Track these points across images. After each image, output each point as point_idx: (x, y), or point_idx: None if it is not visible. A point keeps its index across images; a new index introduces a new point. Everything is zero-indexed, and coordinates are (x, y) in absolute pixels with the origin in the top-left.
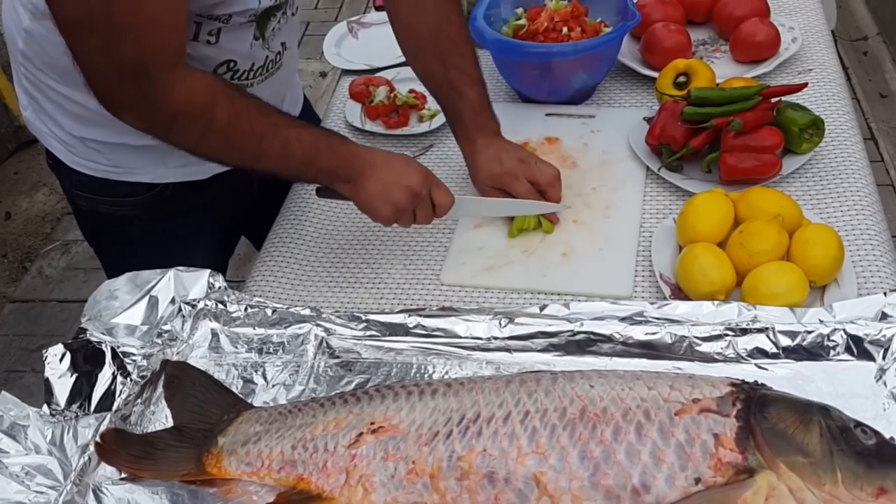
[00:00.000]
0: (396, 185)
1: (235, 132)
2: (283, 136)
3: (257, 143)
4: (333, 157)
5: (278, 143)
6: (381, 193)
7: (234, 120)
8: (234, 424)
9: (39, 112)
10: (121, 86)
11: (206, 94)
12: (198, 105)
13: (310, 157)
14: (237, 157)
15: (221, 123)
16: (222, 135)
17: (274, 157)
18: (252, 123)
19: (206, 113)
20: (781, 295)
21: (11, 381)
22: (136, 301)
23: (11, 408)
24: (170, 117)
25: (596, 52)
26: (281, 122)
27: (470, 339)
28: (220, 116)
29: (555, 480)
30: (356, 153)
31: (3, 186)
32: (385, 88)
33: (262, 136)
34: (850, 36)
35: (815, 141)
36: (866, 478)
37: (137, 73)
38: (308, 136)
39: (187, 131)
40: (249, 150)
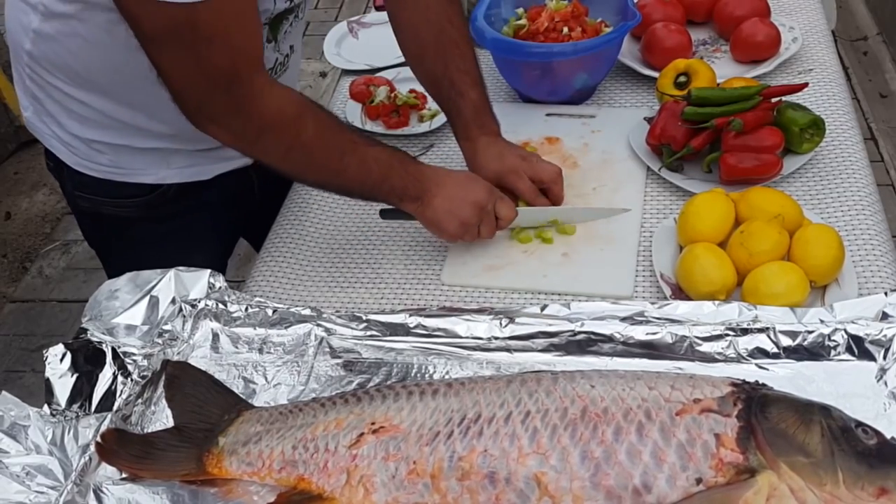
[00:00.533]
0: (463, 200)
1: (320, 147)
2: (362, 153)
3: (339, 159)
4: (405, 175)
5: (356, 161)
6: (449, 210)
7: (320, 134)
8: (234, 424)
9: (42, 113)
10: (213, 95)
11: (296, 106)
12: (288, 116)
13: (384, 175)
14: (318, 172)
15: (308, 137)
16: (307, 149)
17: (352, 174)
18: (335, 139)
19: (295, 125)
20: (782, 295)
21: (11, 381)
22: (136, 301)
23: (12, 408)
24: (261, 128)
25: (596, 52)
26: (359, 140)
27: (471, 339)
28: (307, 130)
29: (556, 481)
30: (424, 171)
31: (3, 186)
32: (385, 88)
33: (344, 152)
34: (850, 36)
35: (815, 141)
36: (867, 478)
37: (230, 79)
38: (383, 155)
39: (276, 143)
40: (331, 166)
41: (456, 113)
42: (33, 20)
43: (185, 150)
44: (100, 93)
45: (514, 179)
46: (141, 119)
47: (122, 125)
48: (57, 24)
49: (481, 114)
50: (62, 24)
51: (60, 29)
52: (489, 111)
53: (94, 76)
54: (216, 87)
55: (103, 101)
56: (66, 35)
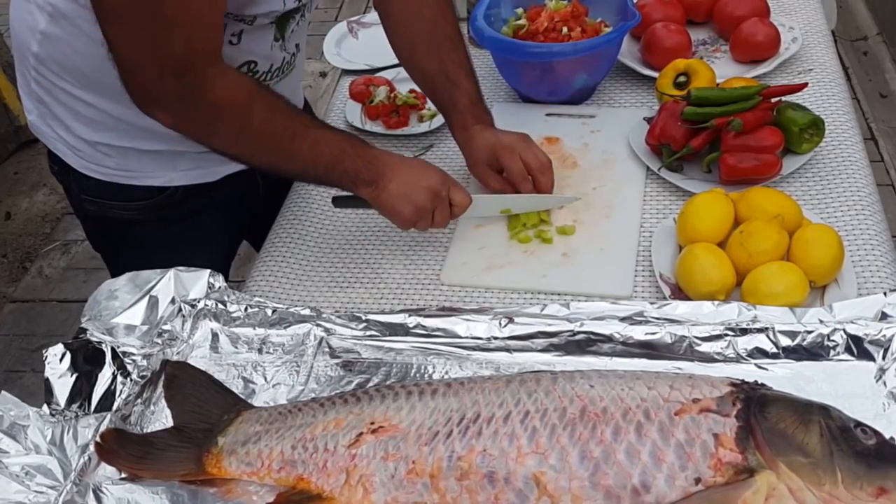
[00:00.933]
0: (417, 185)
1: (270, 131)
2: (313, 136)
3: (289, 142)
4: (357, 159)
5: (308, 144)
6: (403, 194)
7: (269, 118)
8: (234, 424)
9: (48, 116)
10: (161, 80)
11: (245, 92)
12: (237, 102)
13: (336, 159)
14: (269, 157)
15: (257, 122)
16: (257, 134)
17: (304, 157)
18: (285, 123)
19: (243, 110)
20: (781, 295)
21: (11, 381)
22: (136, 301)
23: (11, 408)
24: (209, 114)
25: (596, 52)
26: (310, 124)
27: (470, 339)
28: (256, 115)
29: (555, 480)
30: (377, 156)
31: (3, 186)
32: (385, 88)
33: (294, 136)
34: (850, 36)
35: (815, 141)
36: (866, 478)
37: (182, 67)
38: (335, 138)
39: (225, 129)
40: (282, 150)
41: (452, 105)
42: (40, 21)
43: (192, 153)
44: (107, 94)
45: (507, 155)
46: (148, 120)
47: (129, 127)
48: (65, 24)
49: (476, 105)
50: (70, 25)
51: (68, 29)
52: (483, 103)
53: (101, 77)
54: (167, 73)
55: (110, 103)
56: (73, 35)
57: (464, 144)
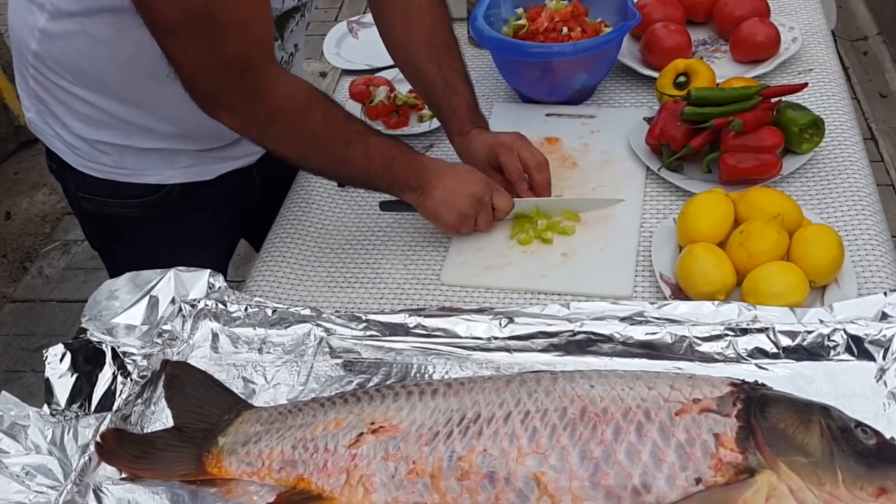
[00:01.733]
0: (461, 192)
1: (327, 136)
2: (366, 143)
3: (344, 148)
4: (407, 166)
5: (361, 150)
6: (448, 201)
7: (327, 123)
8: (234, 424)
9: (45, 114)
10: (225, 81)
11: (305, 95)
12: (299, 104)
13: (387, 165)
14: (325, 160)
15: (316, 126)
16: (315, 137)
17: (357, 163)
18: (341, 128)
19: (304, 113)
20: (781, 295)
21: (11, 381)
22: (136, 301)
23: (11, 408)
24: (271, 115)
25: (596, 52)
26: (363, 130)
27: (470, 339)
28: (315, 118)
29: (555, 480)
30: (424, 163)
31: (3, 186)
32: (385, 88)
33: (349, 142)
34: (850, 36)
35: (815, 141)
36: (867, 478)
37: (243, 67)
38: (386, 146)
39: (286, 131)
40: (336, 155)
41: (450, 110)
42: (40, 20)
43: (189, 151)
44: (106, 93)
45: (505, 152)
46: (147, 119)
47: (127, 125)
48: (65, 22)
49: (473, 111)
50: (70, 23)
51: (69, 28)
52: (479, 109)
53: (101, 75)
54: (229, 74)
55: (109, 101)
56: (74, 34)
57: (462, 147)
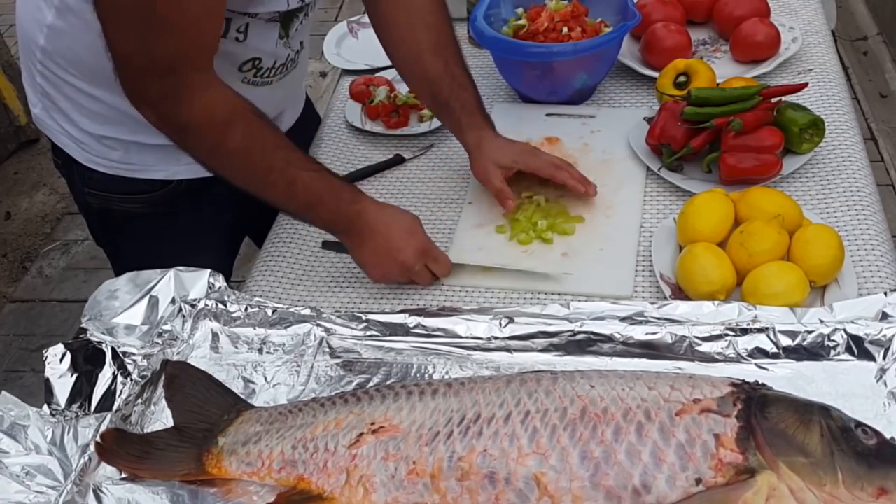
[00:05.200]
0: (389, 258)
1: (245, 158)
2: (292, 176)
3: (264, 175)
4: (335, 211)
5: (284, 182)
6: (375, 263)
7: (247, 146)
8: (234, 424)
9: (52, 109)
10: (147, 79)
11: (226, 112)
12: (215, 120)
13: (311, 204)
14: (242, 182)
15: (233, 146)
16: (232, 157)
17: (277, 192)
18: (264, 155)
19: (220, 131)
20: (782, 295)
21: (11, 381)
22: (136, 301)
23: (11, 408)
24: (185, 124)
25: (596, 52)
26: (293, 161)
27: (470, 339)
28: (233, 138)
29: (555, 481)
30: (360, 213)
31: (3, 186)
32: (385, 88)
33: (271, 169)
34: (850, 36)
35: (815, 141)
36: (867, 478)
37: (166, 69)
38: (317, 183)
39: (199, 143)
40: (256, 180)
41: (460, 105)
42: (48, 15)
43: None
44: (112, 88)
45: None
46: None
47: (133, 120)
48: (72, 18)
49: (482, 107)
50: (76, 19)
51: (75, 23)
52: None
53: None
54: (152, 72)
55: (116, 97)
56: (80, 30)
57: (475, 143)
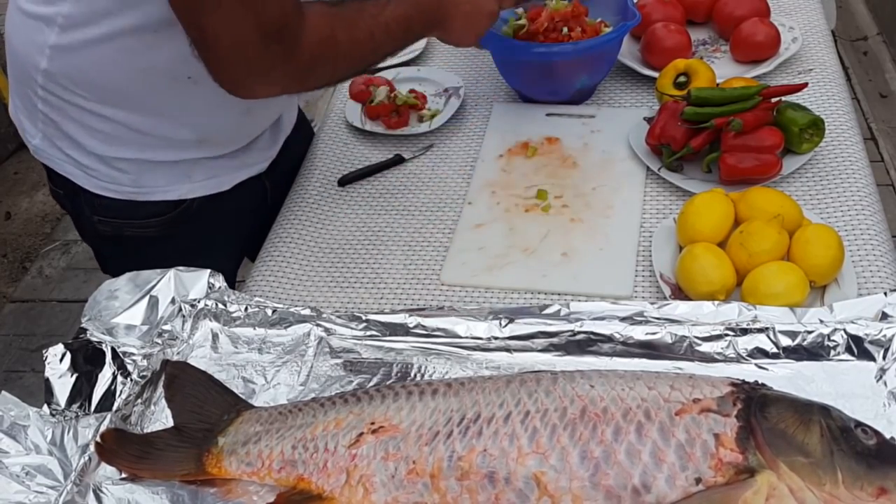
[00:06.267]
0: (479, 15)
1: (355, 47)
2: (383, 22)
3: (370, 41)
4: (423, 15)
5: (381, 32)
6: (466, 27)
7: (350, 34)
8: (234, 424)
9: (56, 137)
10: (267, 49)
11: (325, 23)
12: (324, 37)
13: (408, 27)
14: (358, 65)
15: (345, 46)
16: (347, 57)
17: (384, 48)
18: (361, 28)
19: (331, 45)
20: (782, 295)
21: (11, 381)
22: (136, 301)
23: (11, 408)
24: (308, 62)
25: (596, 52)
26: (373, 11)
27: (470, 339)
28: (341, 41)
29: (555, 480)
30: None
31: (3, 186)
32: (385, 88)
33: (370, 35)
34: (850, 36)
35: (815, 141)
36: (867, 478)
37: (282, 27)
38: (398, 10)
39: (322, 69)
40: (367, 53)
41: None
42: (50, 36)
43: (206, 160)
44: (124, 104)
45: None
46: (166, 127)
47: (145, 137)
48: (78, 34)
49: None
50: (83, 35)
51: (81, 39)
52: None
53: (118, 86)
54: (270, 39)
55: (126, 114)
56: (87, 45)
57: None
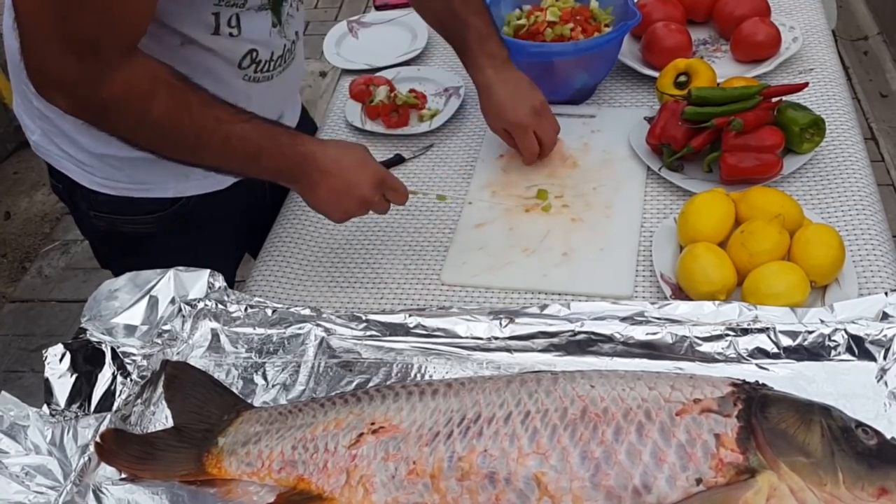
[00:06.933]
0: (347, 195)
1: (173, 125)
2: (225, 132)
3: (196, 138)
4: (279, 158)
5: (217, 140)
6: (333, 203)
7: (174, 112)
8: (234, 425)
9: (52, 133)
10: (62, 60)
11: (148, 82)
12: (136, 93)
13: (251, 156)
14: (174, 150)
15: (158, 115)
16: (159, 127)
17: (213, 153)
18: (192, 117)
19: (143, 102)
20: (782, 295)
21: (11, 381)
22: (136, 301)
23: (11, 408)
24: (105, 103)
25: (596, 52)
26: (224, 118)
27: (470, 339)
28: (157, 107)
29: (556, 481)
30: (305, 156)
31: (3, 186)
32: (385, 88)
33: (202, 130)
34: (850, 35)
35: (815, 141)
36: (867, 478)
37: (86, 48)
38: (252, 133)
39: (122, 119)
40: (188, 146)
41: (461, 43)
42: None
43: None
44: None
45: (521, 133)
46: None
47: None
48: None
49: (486, 40)
50: None
51: None
52: (495, 36)
53: None
54: (69, 52)
55: None
56: None
57: (481, 92)
